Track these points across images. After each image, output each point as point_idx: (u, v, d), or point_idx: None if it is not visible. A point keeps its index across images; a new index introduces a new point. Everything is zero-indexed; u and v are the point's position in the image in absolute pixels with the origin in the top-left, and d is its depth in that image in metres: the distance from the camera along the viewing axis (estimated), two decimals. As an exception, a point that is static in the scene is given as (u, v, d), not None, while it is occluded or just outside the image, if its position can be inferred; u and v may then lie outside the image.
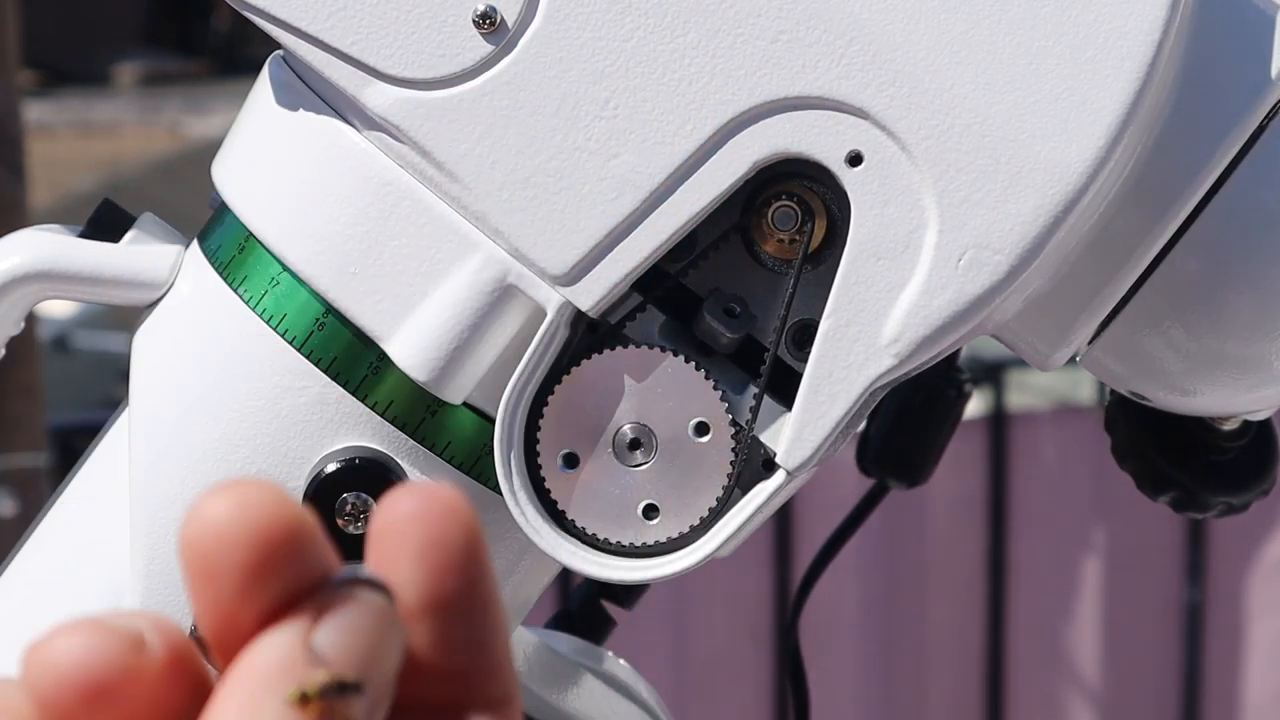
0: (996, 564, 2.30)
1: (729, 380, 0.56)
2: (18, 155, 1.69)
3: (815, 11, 0.52)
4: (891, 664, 2.30)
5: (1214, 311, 0.57)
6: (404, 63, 0.54)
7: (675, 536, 0.56)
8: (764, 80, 0.53)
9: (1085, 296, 0.57)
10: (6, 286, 0.60)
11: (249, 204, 0.58)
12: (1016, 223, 0.52)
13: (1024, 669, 2.35)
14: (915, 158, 0.52)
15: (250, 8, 0.55)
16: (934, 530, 2.29)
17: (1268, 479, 0.66)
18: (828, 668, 2.24)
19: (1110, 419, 0.66)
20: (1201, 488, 0.65)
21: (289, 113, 0.57)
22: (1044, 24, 0.52)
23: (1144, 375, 0.59)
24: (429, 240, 0.55)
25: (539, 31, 0.53)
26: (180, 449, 0.58)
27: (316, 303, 0.57)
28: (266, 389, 0.57)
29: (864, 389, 0.53)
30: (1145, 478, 0.66)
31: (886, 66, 0.52)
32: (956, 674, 2.34)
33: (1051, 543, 2.33)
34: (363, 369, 0.57)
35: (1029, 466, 2.30)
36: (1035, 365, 0.59)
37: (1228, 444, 0.64)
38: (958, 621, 2.32)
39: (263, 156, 0.58)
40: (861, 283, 0.53)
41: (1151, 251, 0.56)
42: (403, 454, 0.57)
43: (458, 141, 0.54)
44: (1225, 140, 0.55)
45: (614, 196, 0.53)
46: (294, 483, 0.57)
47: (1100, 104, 0.52)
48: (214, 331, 0.59)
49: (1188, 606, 2.36)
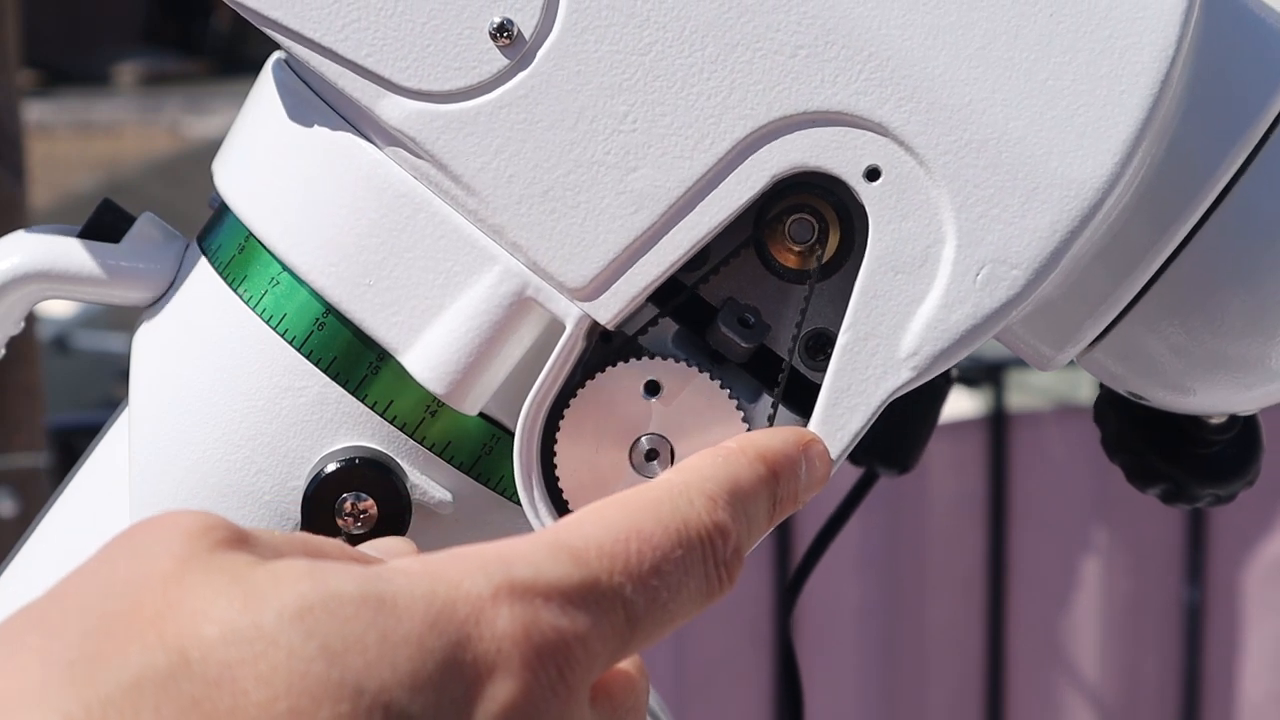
0: (996, 564, 2.30)
1: (742, 388, 0.56)
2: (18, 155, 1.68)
3: (834, 26, 0.52)
4: (891, 664, 2.30)
5: (1214, 314, 0.57)
6: (419, 75, 0.54)
7: None
8: (783, 95, 0.53)
9: (1092, 303, 0.57)
10: (6, 286, 0.60)
11: (258, 213, 0.58)
12: (1034, 238, 0.52)
13: (1024, 669, 2.35)
14: (933, 173, 0.52)
15: (263, 19, 0.54)
16: (934, 530, 2.29)
17: (1252, 470, 0.67)
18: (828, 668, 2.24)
19: (1100, 413, 0.67)
20: (1191, 480, 0.66)
21: (298, 121, 0.57)
22: (1060, 40, 0.52)
23: (1143, 376, 0.59)
24: (445, 253, 0.55)
25: (556, 44, 0.53)
26: (180, 449, 0.58)
27: (316, 303, 0.57)
28: (266, 389, 0.57)
29: (882, 401, 0.54)
30: (1136, 471, 0.67)
31: (905, 82, 0.52)
32: (956, 674, 2.34)
33: (1051, 543, 2.33)
34: (363, 369, 0.57)
35: (1029, 466, 2.30)
36: (1036, 366, 0.60)
37: (1215, 437, 0.66)
38: (958, 621, 2.32)
39: (271, 164, 0.58)
40: (880, 296, 0.53)
41: (1160, 259, 0.56)
42: (403, 454, 0.57)
43: (475, 155, 0.54)
44: (1233, 150, 0.56)
45: (633, 210, 0.53)
46: (294, 483, 0.57)
47: (1115, 120, 0.52)
48: (214, 331, 0.59)
49: (1188, 606, 2.37)
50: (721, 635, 2.19)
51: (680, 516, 0.46)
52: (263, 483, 0.57)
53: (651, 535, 0.45)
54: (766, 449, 0.51)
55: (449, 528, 0.58)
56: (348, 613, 0.39)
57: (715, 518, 0.46)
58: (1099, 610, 2.35)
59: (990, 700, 2.35)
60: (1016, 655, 2.34)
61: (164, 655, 0.37)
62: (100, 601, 0.39)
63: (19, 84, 1.74)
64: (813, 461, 0.52)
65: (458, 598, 0.40)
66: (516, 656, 0.40)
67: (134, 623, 0.38)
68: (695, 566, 0.45)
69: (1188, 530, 2.34)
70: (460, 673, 0.39)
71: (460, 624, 0.40)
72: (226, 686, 0.37)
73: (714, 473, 0.48)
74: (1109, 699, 2.39)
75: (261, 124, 0.59)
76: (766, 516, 0.50)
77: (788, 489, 0.51)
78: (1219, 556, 2.36)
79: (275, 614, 0.38)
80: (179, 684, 0.37)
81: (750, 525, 0.48)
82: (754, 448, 0.51)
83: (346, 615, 0.39)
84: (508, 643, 0.40)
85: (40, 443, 1.73)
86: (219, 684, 0.37)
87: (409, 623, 0.39)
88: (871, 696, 2.30)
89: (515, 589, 0.41)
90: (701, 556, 0.46)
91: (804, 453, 0.52)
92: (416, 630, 0.39)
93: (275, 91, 0.58)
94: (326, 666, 0.38)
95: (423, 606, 0.40)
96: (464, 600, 0.40)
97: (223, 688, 0.37)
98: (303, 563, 0.40)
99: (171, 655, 0.37)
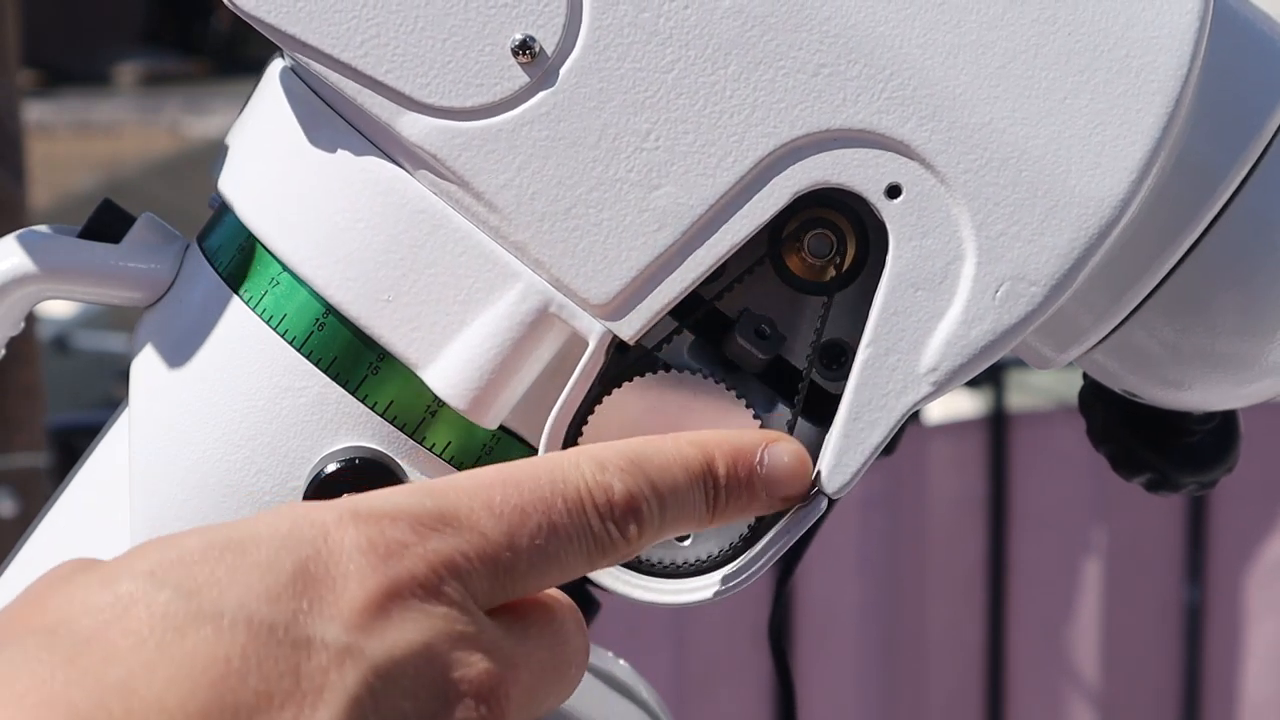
0: (996, 564, 2.30)
1: (757, 398, 0.56)
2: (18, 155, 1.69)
3: (856, 45, 0.53)
4: (891, 664, 2.30)
5: (1212, 316, 0.58)
6: (440, 92, 0.54)
7: (716, 555, 0.56)
8: (805, 113, 0.53)
9: (1098, 310, 0.58)
10: (6, 286, 0.60)
11: (273, 225, 0.57)
12: (1052, 255, 0.53)
13: (1024, 669, 2.35)
14: (954, 190, 0.53)
15: (281, 35, 0.54)
16: (934, 530, 2.29)
17: (1232, 457, 0.68)
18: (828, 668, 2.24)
19: (1086, 403, 0.69)
20: (1175, 470, 0.67)
21: (311, 134, 0.57)
22: (1078, 59, 0.53)
23: (1140, 375, 0.60)
24: (466, 269, 0.55)
25: (579, 62, 0.53)
26: (180, 449, 0.58)
27: (316, 303, 0.57)
28: (266, 389, 0.57)
29: (902, 415, 0.54)
30: (1121, 460, 0.68)
31: (927, 100, 0.53)
32: (956, 674, 2.34)
33: (1051, 543, 2.33)
34: (363, 369, 0.57)
35: (1029, 466, 2.30)
36: (1035, 366, 0.61)
37: (1198, 426, 0.67)
38: (958, 621, 2.32)
39: (285, 177, 0.57)
40: (900, 313, 0.54)
41: (1166, 267, 0.57)
42: (403, 454, 0.57)
43: (497, 172, 0.54)
44: (1240, 160, 0.56)
45: (656, 228, 0.54)
46: (294, 483, 0.57)
47: (1132, 138, 0.53)
48: (214, 332, 0.59)
49: (1188, 606, 2.37)
50: (721, 635, 2.19)
51: (558, 473, 0.48)
52: (263, 483, 0.57)
53: (520, 483, 0.47)
54: (707, 437, 0.52)
55: (449, 528, 0.58)
56: (194, 558, 0.42)
57: (599, 477, 0.48)
58: (1099, 610, 2.35)
59: (990, 700, 2.35)
60: (1016, 655, 2.34)
61: (34, 636, 0.41)
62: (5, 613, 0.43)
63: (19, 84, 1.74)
64: (778, 456, 0.53)
65: (305, 524, 0.43)
66: (365, 564, 0.43)
67: (15, 622, 0.42)
68: (575, 517, 0.47)
69: (1188, 530, 2.34)
70: (314, 582, 0.42)
71: (309, 542, 0.43)
72: (97, 643, 0.40)
73: (618, 445, 0.50)
74: (1109, 699, 2.39)
75: (273, 136, 0.58)
76: (704, 498, 0.51)
77: (735, 477, 0.52)
78: (1219, 556, 2.36)
79: (129, 579, 0.42)
80: (52, 650, 0.40)
81: (669, 499, 0.50)
82: (690, 435, 0.52)
83: (193, 560, 0.42)
84: (356, 552, 0.43)
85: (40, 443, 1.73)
86: (89, 642, 0.40)
87: (259, 552, 0.42)
88: (871, 696, 2.30)
89: (361, 513, 0.44)
90: (582, 509, 0.47)
91: (765, 448, 0.53)
92: (266, 556, 0.42)
93: (285, 102, 0.58)
94: (184, 603, 0.41)
95: (272, 535, 0.43)
96: (311, 525, 0.43)
97: (93, 644, 0.40)
98: (153, 541, 0.43)
99: (40, 635, 0.41)
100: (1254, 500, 2.30)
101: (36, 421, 1.72)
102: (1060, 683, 2.38)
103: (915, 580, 2.29)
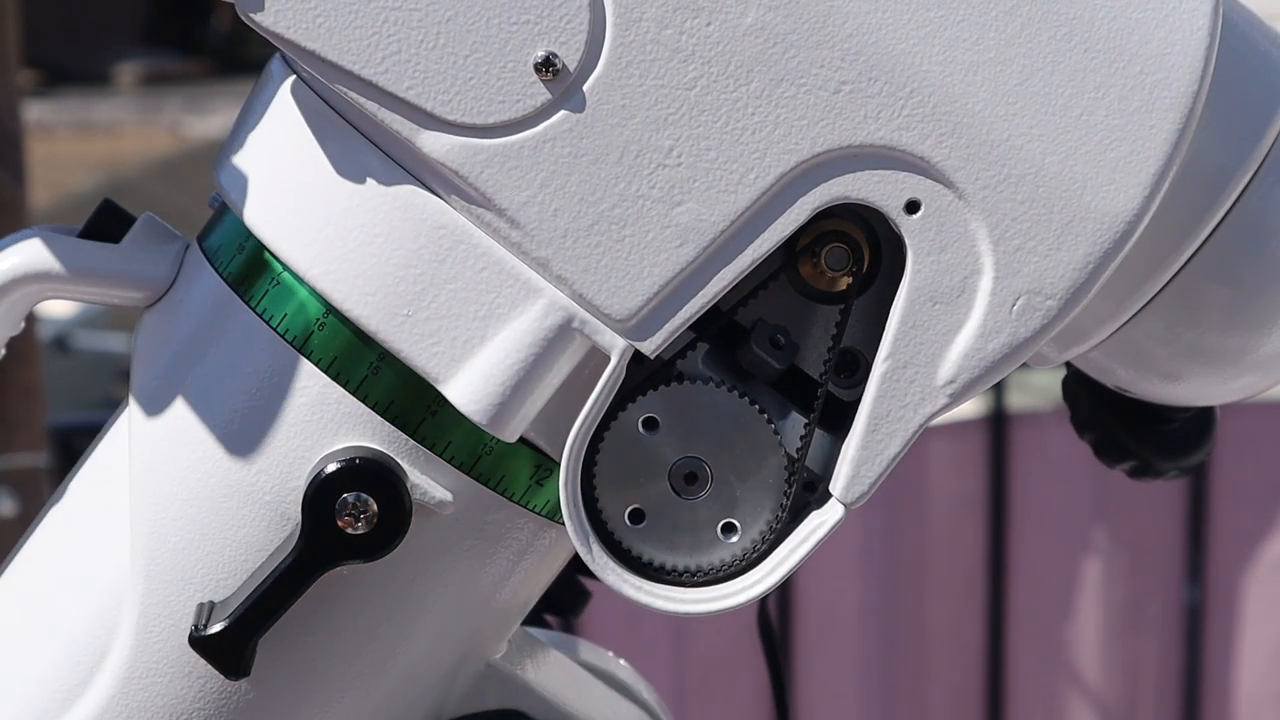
0: (996, 564, 2.30)
1: (770, 405, 0.57)
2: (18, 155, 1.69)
3: (877, 63, 0.53)
4: (891, 664, 2.30)
5: (1207, 315, 0.59)
6: (462, 108, 0.54)
7: (731, 563, 0.57)
8: (826, 130, 0.53)
9: (1102, 315, 0.59)
10: (6, 286, 0.60)
11: (288, 238, 0.57)
12: (1068, 269, 0.54)
13: (1024, 669, 2.35)
14: (972, 206, 0.53)
15: (302, 51, 0.54)
16: (934, 530, 2.29)
17: (1209, 442, 0.70)
18: (828, 668, 2.24)
19: (1070, 392, 0.69)
20: (1156, 456, 0.68)
21: (327, 146, 0.57)
22: (1093, 77, 0.53)
23: (1134, 371, 0.61)
24: (487, 285, 0.55)
25: (601, 79, 0.54)
26: (180, 449, 0.58)
27: (316, 302, 0.57)
28: (266, 389, 0.57)
29: (919, 427, 0.55)
30: (1105, 448, 0.69)
31: (946, 117, 0.53)
32: (956, 674, 2.34)
33: (1051, 543, 2.33)
34: (363, 369, 0.57)
35: (1029, 466, 2.30)
36: (1035, 365, 0.61)
37: (1178, 415, 0.68)
38: (958, 621, 2.32)
39: (299, 190, 0.57)
40: (919, 326, 0.54)
41: (1170, 272, 0.58)
42: (403, 454, 0.57)
43: (519, 189, 0.54)
44: (1243, 169, 0.57)
45: (678, 244, 0.54)
46: (294, 483, 0.57)
47: (1145, 154, 0.53)
48: (214, 331, 0.59)
49: (1188, 606, 2.37)
50: (722, 635, 2.19)
51: None
52: (263, 483, 0.57)
53: None
54: None
55: (449, 528, 0.58)
56: None
57: None
58: (1099, 610, 2.35)
59: (990, 700, 2.35)
60: (1016, 655, 2.34)
61: None
62: None
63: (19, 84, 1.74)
64: None
65: None
66: None
67: None
68: None
69: (1188, 530, 2.34)
70: None
71: None
72: None
73: None
74: (1109, 699, 2.39)
75: (284, 149, 0.58)
76: None
77: None
78: (1219, 556, 2.36)
79: None
80: None
81: None
82: None
83: None
84: None
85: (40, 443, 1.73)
86: None
87: None
88: (871, 696, 2.30)
89: None
90: None
91: None
92: None
93: (298, 113, 0.58)
94: None
95: None
96: None
97: None
98: None
99: None
100: (1254, 500, 2.30)
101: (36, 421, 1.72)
102: (1060, 683, 2.38)
103: (915, 580, 2.29)
